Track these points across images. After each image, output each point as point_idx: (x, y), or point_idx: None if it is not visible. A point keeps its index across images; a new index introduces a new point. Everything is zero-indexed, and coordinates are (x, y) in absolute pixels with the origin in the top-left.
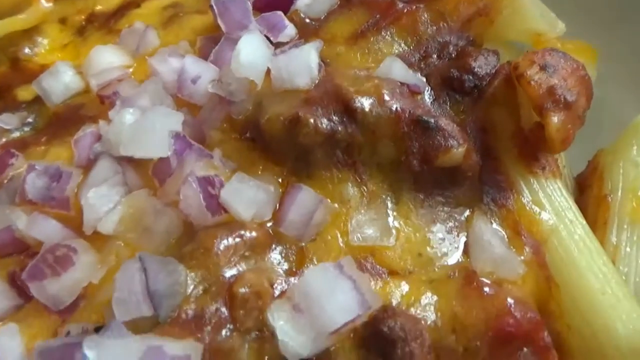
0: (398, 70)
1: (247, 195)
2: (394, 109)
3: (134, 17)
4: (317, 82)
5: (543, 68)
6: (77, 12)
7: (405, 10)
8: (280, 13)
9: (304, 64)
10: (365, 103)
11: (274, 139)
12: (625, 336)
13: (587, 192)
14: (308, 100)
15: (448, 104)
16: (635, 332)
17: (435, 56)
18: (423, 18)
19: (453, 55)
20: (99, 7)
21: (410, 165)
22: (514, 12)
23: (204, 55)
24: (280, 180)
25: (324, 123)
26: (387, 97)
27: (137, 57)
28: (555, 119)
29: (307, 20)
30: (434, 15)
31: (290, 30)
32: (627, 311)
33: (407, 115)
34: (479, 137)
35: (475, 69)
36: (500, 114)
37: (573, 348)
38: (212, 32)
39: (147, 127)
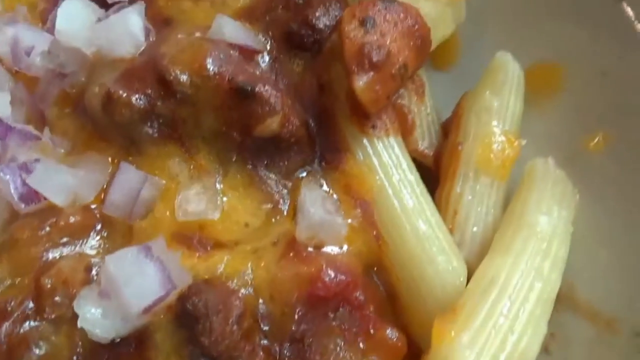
0: (229, 30)
1: (57, 181)
2: (212, 77)
3: None
4: (143, 49)
5: (362, 23)
6: None
7: None
8: None
9: (125, 32)
10: (180, 74)
11: (96, 116)
12: (439, 284)
13: (448, 140)
14: (126, 73)
15: (291, 62)
16: (446, 279)
17: (281, 7)
18: None
19: (300, 4)
20: None
21: (231, 137)
22: None
23: (46, 21)
24: (111, 159)
25: (139, 99)
26: (208, 65)
27: None
28: (359, 82)
29: None
30: None
31: None
32: (443, 263)
33: (226, 83)
34: (317, 97)
35: (314, 22)
36: (337, 71)
37: (403, 296)
38: None
39: None
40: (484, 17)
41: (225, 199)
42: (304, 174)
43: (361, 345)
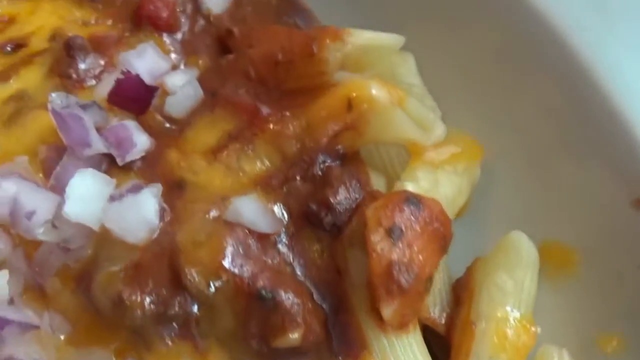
0: (248, 214)
1: None
2: (231, 280)
3: None
4: (157, 233)
5: (389, 232)
6: None
7: (270, 120)
8: (131, 126)
9: (138, 217)
10: (198, 277)
11: (103, 310)
12: None
13: (460, 310)
14: (139, 268)
15: (307, 240)
16: None
17: (299, 178)
18: (289, 130)
19: (318, 176)
20: None
21: (249, 343)
22: (382, 123)
23: (48, 171)
24: (115, 354)
25: (152, 303)
26: (226, 264)
27: None
28: (387, 310)
29: (167, 125)
30: (300, 127)
31: (142, 145)
32: None
33: (246, 287)
34: (333, 282)
35: (334, 205)
36: (356, 258)
37: None
38: (59, 138)
39: None
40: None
41: None
42: None
43: None
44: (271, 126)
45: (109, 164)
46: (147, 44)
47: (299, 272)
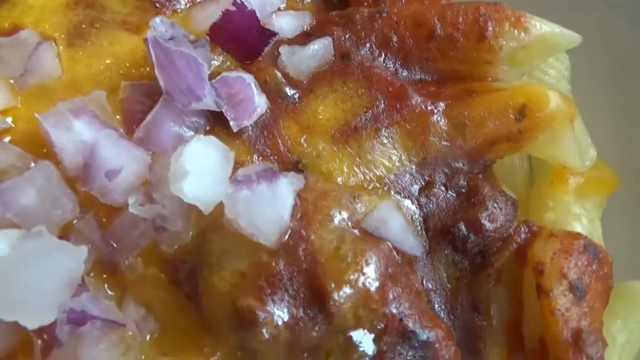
0: (395, 226)
1: None
2: (380, 312)
3: (21, 7)
4: (288, 235)
5: (572, 288)
6: None
7: (419, 110)
8: (250, 81)
9: (273, 213)
10: (346, 304)
11: (215, 315)
12: None
13: None
14: (268, 276)
15: (443, 263)
16: None
17: (441, 185)
18: (439, 125)
19: (462, 186)
20: None
21: None
22: (551, 140)
23: (128, 116)
24: None
25: (286, 326)
26: (375, 293)
27: (24, 92)
28: None
29: (285, 88)
30: (453, 123)
31: (259, 109)
32: None
33: (397, 323)
34: (468, 317)
35: (487, 231)
36: (500, 297)
37: None
38: (145, 72)
39: (27, 281)
40: None
41: None
42: None
43: None
44: (418, 115)
45: (210, 125)
46: None
47: (435, 305)
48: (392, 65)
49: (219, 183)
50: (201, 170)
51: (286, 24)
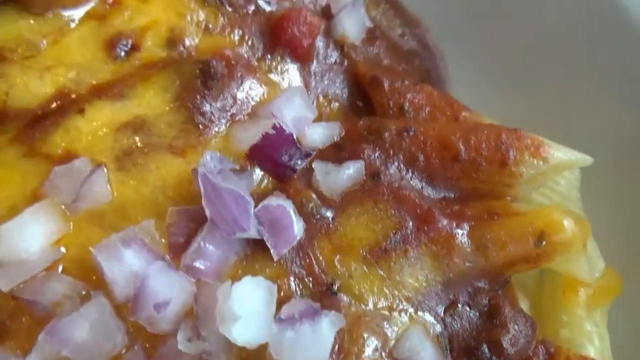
0: (427, 358)
1: None
2: None
3: (72, 134)
4: None
5: None
6: None
7: (445, 233)
8: (289, 208)
9: (314, 353)
10: None
11: None
12: None
13: None
14: None
15: None
16: None
17: (465, 305)
18: (463, 247)
19: (484, 305)
20: (15, 100)
21: None
22: (566, 261)
23: (174, 241)
24: None
25: None
26: None
27: (75, 217)
28: None
29: (322, 210)
30: (476, 245)
31: (298, 236)
32: None
33: None
34: None
35: (508, 353)
36: None
37: None
38: (189, 194)
39: None
40: None
41: None
42: None
43: None
44: (444, 238)
45: (250, 249)
46: (296, 90)
47: None
48: (418, 183)
49: (266, 325)
50: (249, 313)
51: (317, 135)
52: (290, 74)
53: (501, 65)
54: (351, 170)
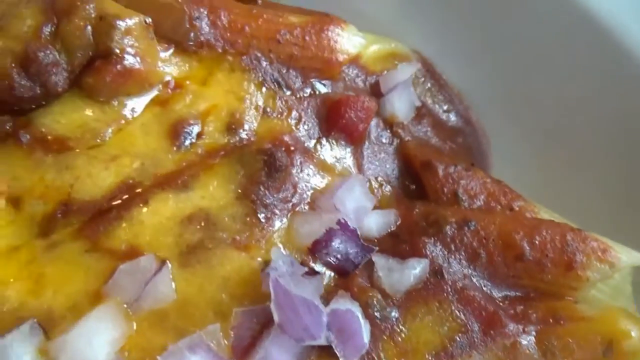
0: None
1: None
2: None
3: (136, 228)
4: None
5: None
6: (39, 197)
7: (512, 339)
8: (356, 312)
9: None
10: None
11: None
12: None
13: None
14: None
15: None
16: None
17: None
18: (530, 354)
19: None
20: (76, 194)
21: None
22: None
23: (238, 343)
24: None
25: None
26: None
27: (137, 317)
28: None
29: (387, 311)
30: (542, 351)
31: (366, 338)
32: None
33: None
34: None
35: None
36: None
37: None
38: (254, 293)
39: None
40: None
41: None
42: None
43: None
44: (511, 345)
45: (316, 354)
46: (356, 179)
47: None
48: (480, 280)
49: None
50: None
51: (374, 224)
52: (345, 157)
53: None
54: (417, 270)
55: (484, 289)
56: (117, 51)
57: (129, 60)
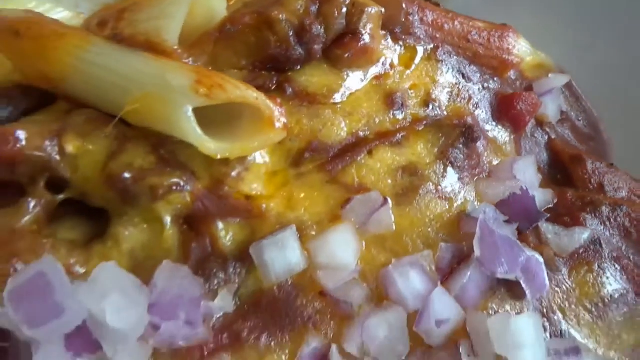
0: None
1: None
2: None
3: (364, 170)
4: None
5: None
6: (295, 136)
7: None
8: (540, 260)
9: None
10: None
11: None
12: None
13: None
14: None
15: None
16: None
17: None
18: None
19: None
20: (322, 138)
21: None
22: None
23: (441, 271)
24: None
25: None
26: None
27: (365, 237)
28: None
29: (559, 266)
30: None
31: (547, 280)
32: None
33: None
34: None
35: None
36: None
37: None
38: (454, 234)
39: None
40: None
41: None
42: None
43: None
44: None
45: (502, 286)
46: (531, 156)
47: None
48: (631, 254)
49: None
50: (530, 344)
51: (538, 199)
52: (508, 143)
53: None
54: (585, 235)
55: (636, 259)
56: (362, 32)
57: (367, 40)
